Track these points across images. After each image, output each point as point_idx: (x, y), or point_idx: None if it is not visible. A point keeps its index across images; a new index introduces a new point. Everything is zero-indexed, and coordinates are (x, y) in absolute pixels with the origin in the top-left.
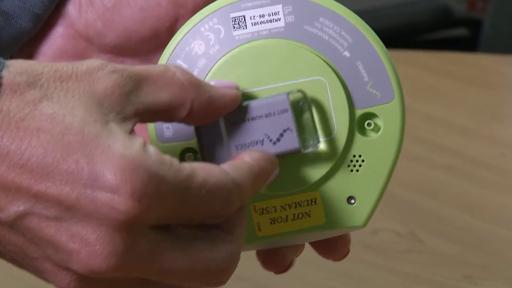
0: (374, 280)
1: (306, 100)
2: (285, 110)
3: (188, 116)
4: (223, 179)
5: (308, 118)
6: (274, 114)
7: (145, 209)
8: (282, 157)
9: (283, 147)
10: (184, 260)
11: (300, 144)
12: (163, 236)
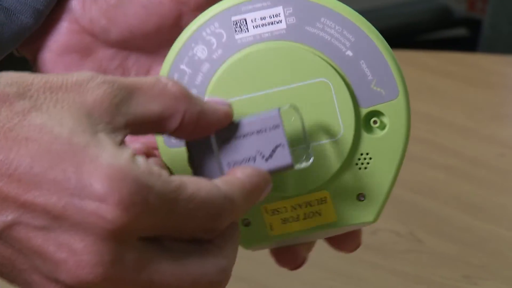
0: (374, 280)
1: (298, 115)
2: (277, 126)
3: (179, 129)
4: (214, 193)
5: (300, 134)
6: (266, 130)
7: (133, 219)
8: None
9: (276, 164)
10: (173, 274)
11: (293, 160)
12: (152, 248)
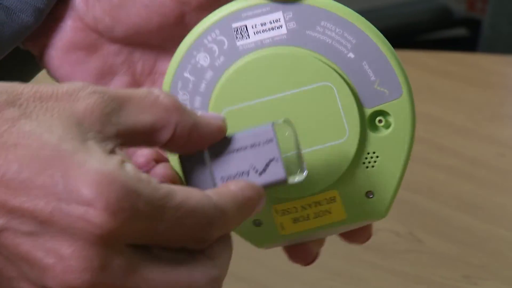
0: (374, 280)
1: (292, 129)
2: (270, 140)
3: (172, 141)
4: (204, 203)
5: (294, 148)
6: (259, 145)
7: (121, 224)
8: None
9: (269, 178)
10: (161, 281)
11: (286, 174)
12: (141, 255)
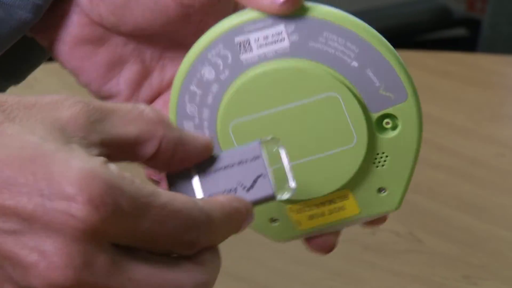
0: (373, 280)
1: (280, 146)
2: (257, 157)
3: (157, 155)
4: (189, 205)
5: (282, 164)
6: (247, 162)
7: (104, 218)
8: (300, 169)
9: (257, 194)
10: (147, 282)
11: (275, 190)
12: (126, 256)
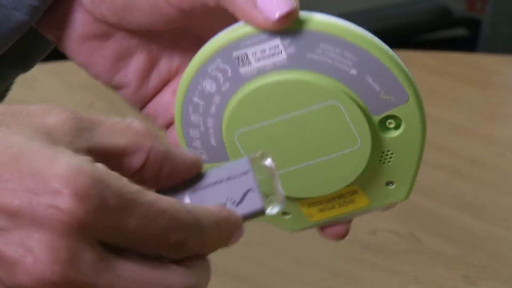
0: (373, 280)
1: (268, 161)
2: (246, 172)
3: (144, 168)
4: (177, 206)
5: (271, 178)
6: (236, 177)
7: (90, 211)
8: (307, 170)
9: (247, 208)
10: (136, 281)
11: (264, 204)
12: (114, 255)
